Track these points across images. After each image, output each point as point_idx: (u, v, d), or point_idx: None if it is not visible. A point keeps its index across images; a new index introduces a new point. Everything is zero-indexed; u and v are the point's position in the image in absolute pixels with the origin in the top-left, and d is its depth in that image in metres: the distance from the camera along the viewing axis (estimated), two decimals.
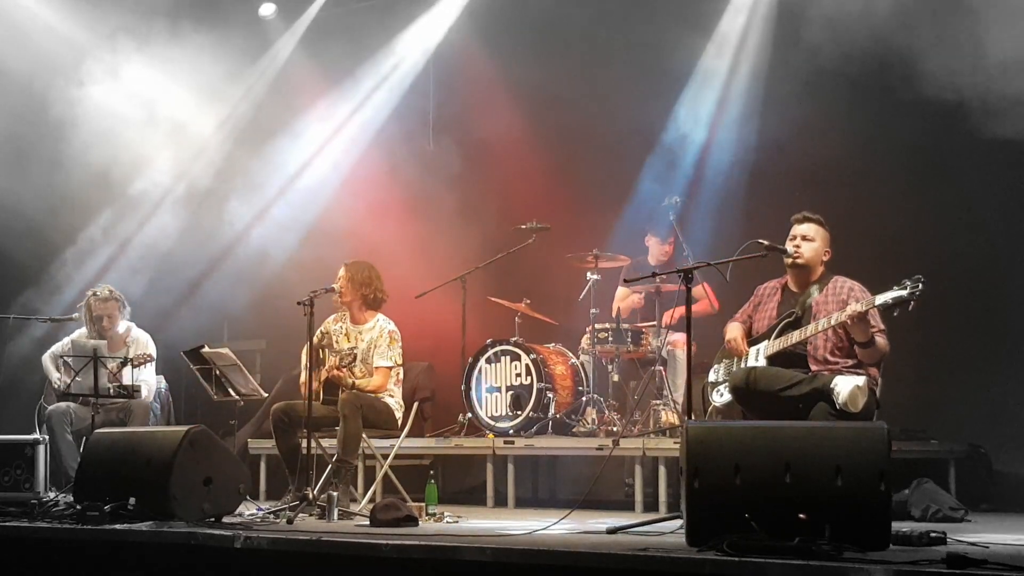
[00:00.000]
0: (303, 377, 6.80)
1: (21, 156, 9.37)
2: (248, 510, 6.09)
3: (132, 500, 5.41)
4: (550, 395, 7.76)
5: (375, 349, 6.87)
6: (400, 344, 6.93)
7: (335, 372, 6.72)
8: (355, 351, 6.85)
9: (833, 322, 5.44)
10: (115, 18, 9.59)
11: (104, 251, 9.95)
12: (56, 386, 7.65)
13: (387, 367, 6.83)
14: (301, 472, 6.35)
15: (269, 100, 10.34)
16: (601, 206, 9.17)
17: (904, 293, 5.16)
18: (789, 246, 5.79)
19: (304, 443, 6.35)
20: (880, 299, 5.27)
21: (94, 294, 7.86)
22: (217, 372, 7.08)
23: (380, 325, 6.94)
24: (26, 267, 9.66)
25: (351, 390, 6.70)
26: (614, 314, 8.13)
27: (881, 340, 5.49)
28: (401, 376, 6.98)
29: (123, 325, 7.91)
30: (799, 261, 5.78)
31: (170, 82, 9.82)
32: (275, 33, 10.59)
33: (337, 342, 7.01)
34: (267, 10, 10.57)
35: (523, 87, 9.53)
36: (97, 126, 9.38)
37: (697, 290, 7.47)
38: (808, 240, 5.79)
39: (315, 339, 6.93)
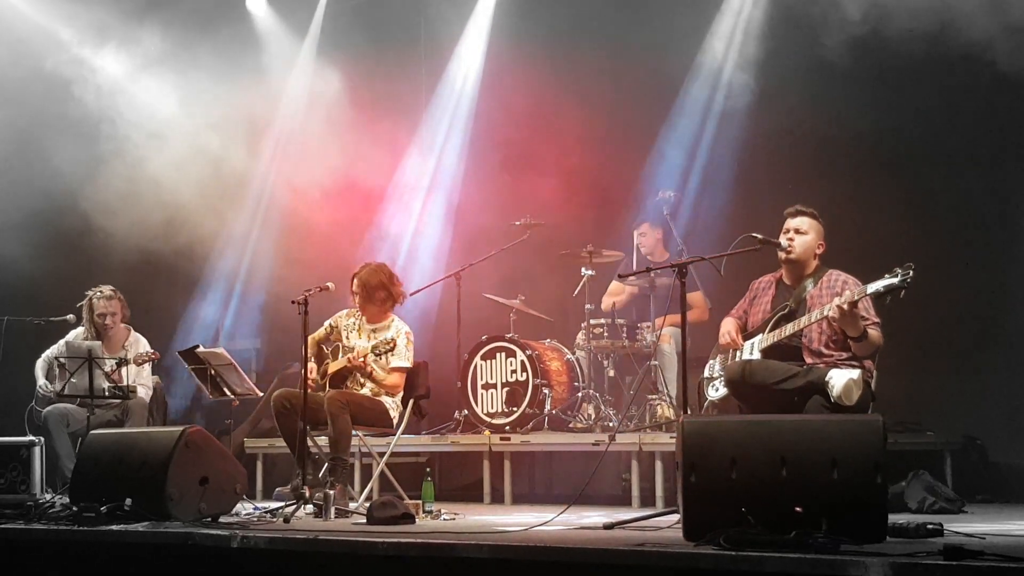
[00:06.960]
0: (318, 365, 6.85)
1: None
2: (245, 509, 6.08)
3: (128, 501, 5.40)
4: (546, 391, 7.76)
5: (393, 349, 6.82)
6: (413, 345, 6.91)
7: (359, 360, 6.64)
8: (394, 340, 6.71)
9: (826, 312, 5.42)
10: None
11: None
12: (43, 393, 7.60)
13: (404, 368, 6.79)
14: (306, 456, 6.32)
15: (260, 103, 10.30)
16: (596, 202, 9.16)
17: (896, 281, 5.16)
18: (782, 239, 5.78)
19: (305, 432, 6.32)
20: (872, 287, 5.27)
21: (97, 292, 7.82)
22: (212, 372, 7.06)
23: (396, 326, 6.88)
24: None
25: (369, 379, 6.67)
26: (604, 308, 8.12)
27: (874, 332, 5.48)
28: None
29: (123, 327, 7.89)
30: (791, 255, 5.77)
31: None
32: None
33: (347, 338, 6.97)
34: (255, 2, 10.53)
35: (517, 86, 9.52)
36: None
37: (694, 297, 7.45)
38: (801, 233, 5.78)
39: (323, 332, 6.96)
